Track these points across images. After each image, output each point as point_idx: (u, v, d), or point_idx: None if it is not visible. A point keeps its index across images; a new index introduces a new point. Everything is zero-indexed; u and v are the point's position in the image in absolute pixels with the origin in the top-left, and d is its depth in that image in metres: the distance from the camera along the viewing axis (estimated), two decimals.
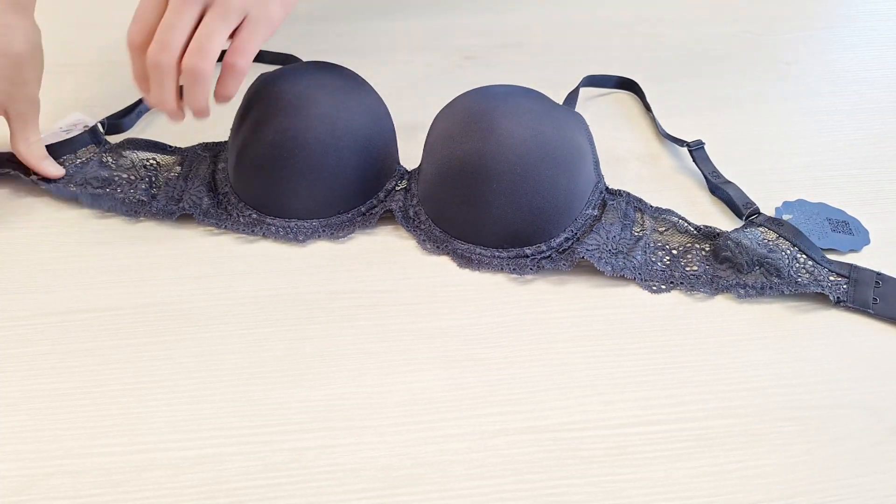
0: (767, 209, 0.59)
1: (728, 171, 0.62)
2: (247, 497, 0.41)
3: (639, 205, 0.57)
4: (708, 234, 0.55)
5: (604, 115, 0.69)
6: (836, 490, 0.42)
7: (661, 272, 0.53)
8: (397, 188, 0.58)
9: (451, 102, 0.57)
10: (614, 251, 0.54)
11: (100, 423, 0.44)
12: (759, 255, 0.52)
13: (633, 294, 0.53)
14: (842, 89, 0.73)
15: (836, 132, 0.68)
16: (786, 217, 0.57)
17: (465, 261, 0.54)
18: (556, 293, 0.53)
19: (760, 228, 0.55)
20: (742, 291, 0.52)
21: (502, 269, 0.54)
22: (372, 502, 0.41)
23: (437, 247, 0.55)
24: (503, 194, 0.52)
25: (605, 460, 0.43)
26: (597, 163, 0.57)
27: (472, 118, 0.54)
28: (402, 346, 0.49)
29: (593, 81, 0.71)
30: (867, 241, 0.56)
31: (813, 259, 0.53)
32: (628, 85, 0.72)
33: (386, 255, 0.55)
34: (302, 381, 0.47)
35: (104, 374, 0.47)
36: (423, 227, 0.56)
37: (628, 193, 0.57)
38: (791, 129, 0.68)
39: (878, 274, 0.53)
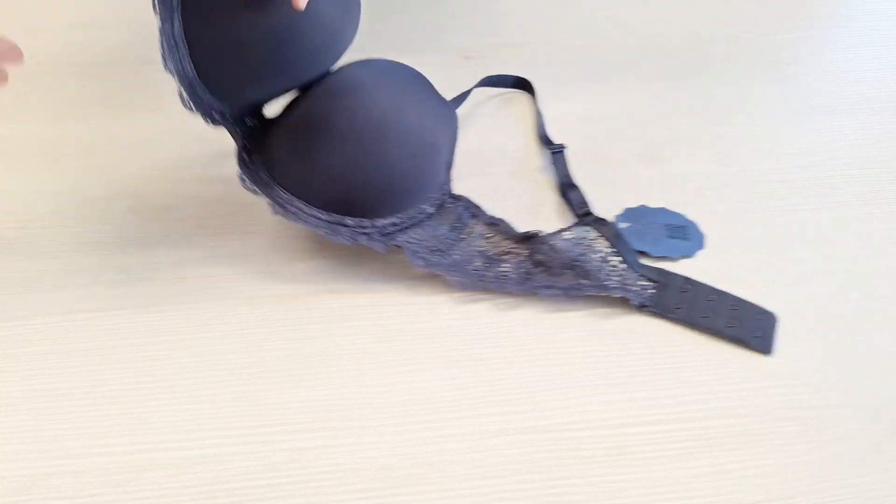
0: (767, 207, 0.59)
1: (728, 171, 0.62)
2: (247, 497, 0.41)
3: (475, 211, 0.57)
4: (528, 238, 0.55)
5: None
6: (836, 490, 0.42)
7: (474, 272, 0.53)
8: None
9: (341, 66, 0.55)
10: (433, 248, 0.54)
11: (100, 423, 0.44)
12: (570, 258, 0.52)
13: None
14: (842, 89, 0.73)
15: (836, 132, 0.68)
16: (622, 226, 0.57)
17: (281, 209, 0.52)
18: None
19: (586, 227, 0.55)
20: (548, 292, 0.52)
21: (318, 228, 0.52)
22: (372, 502, 0.41)
23: (259, 190, 0.53)
24: (339, 156, 0.51)
25: (605, 460, 0.43)
26: (450, 165, 0.56)
27: (340, 80, 0.53)
28: (402, 346, 0.49)
29: (490, 82, 0.71)
30: (701, 247, 0.56)
31: (626, 262, 0.53)
32: (523, 85, 0.72)
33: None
34: (302, 381, 0.47)
35: (104, 374, 0.47)
36: (251, 167, 0.54)
37: (468, 199, 0.58)
38: (791, 128, 0.68)
39: (687, 279, 0.52)
